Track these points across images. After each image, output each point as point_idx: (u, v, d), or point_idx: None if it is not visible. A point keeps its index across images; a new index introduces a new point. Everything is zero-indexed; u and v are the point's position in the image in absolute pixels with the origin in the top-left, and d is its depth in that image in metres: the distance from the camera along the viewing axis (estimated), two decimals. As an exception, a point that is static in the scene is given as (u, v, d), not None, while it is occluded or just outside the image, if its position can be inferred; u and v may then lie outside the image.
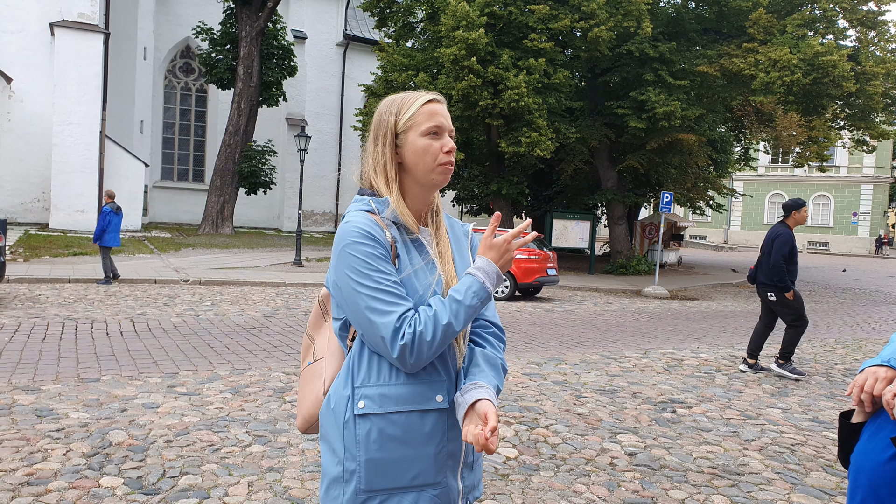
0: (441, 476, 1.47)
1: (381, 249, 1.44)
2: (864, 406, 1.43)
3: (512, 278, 13.20)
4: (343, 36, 31.45)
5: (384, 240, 1.45)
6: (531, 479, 3.80)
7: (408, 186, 1.54)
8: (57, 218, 20.12)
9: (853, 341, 9.79)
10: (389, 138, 1.52)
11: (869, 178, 45.52)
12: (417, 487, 1.45)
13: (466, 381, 1.46)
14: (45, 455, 3.74)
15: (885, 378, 1.40)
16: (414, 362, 1.41)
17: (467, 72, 16.76)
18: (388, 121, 1.52)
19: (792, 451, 4.57)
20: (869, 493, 1.38)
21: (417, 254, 1.51)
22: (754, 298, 16.08)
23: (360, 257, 1.42)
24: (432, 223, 1.58)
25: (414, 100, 1.52)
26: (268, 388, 5.40)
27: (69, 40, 20.23)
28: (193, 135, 30.04)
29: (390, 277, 1.43)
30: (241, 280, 12.66)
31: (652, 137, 18.67)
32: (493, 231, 1.46)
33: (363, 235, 1.43)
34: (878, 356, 1.50)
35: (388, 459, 1.43)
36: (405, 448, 1.44)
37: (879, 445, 1.38)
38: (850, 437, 1.49)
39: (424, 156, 1.50)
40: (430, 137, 1.50)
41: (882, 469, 1.35)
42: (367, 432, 1.43)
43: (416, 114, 1.50)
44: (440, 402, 1.46)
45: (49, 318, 7.99)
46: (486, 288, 1.43)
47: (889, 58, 17.58)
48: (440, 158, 1.50)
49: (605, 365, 7.10)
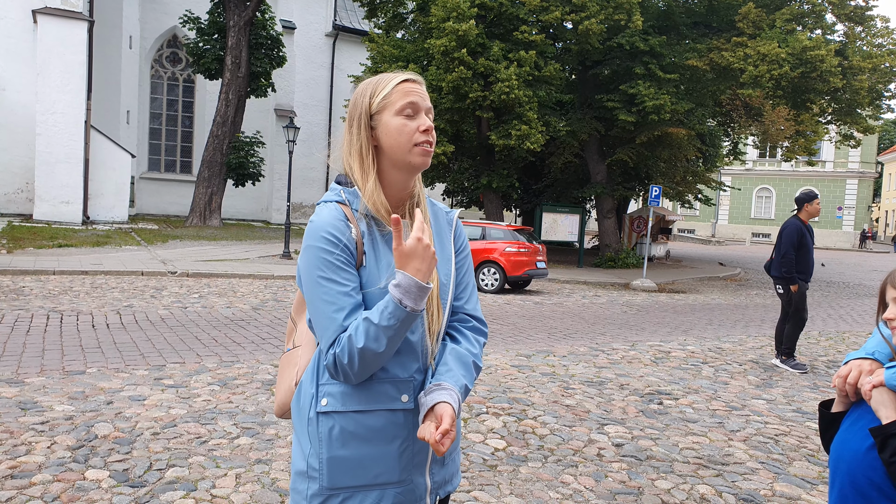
0: (406, 474, 1.44)
1: (340, 256, 1.39)
2: (850, 397, 1.45)
3: (501, 271, 13.21)
4: (332, 26, 31.24)
5: (348, 239, 1.40)
6: (519, 470, 3.81)
7: (386, 171, 1.47)
8: (41, 209, 19.88)
9: (836, 334, 9.90)
10: (364, 120, 1.46)
11: (854, 172, 45.96)
12: (381, 485, 1.43)
13: (432, 381, 1.43)
14: (29, 448, 3.70)
15: (869, 371, 1.41)
16: (344, 380, 1.39)
17: (457, 63, 16.70)
18: (363, 102, 1.47)
19: (776, 441, 4.62)
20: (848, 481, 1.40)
21: (388, 249, 1.43)
22: (741, 291, 16.22)
23: (316, 263, 1.39)
24: (410, 213, 1.49)
25: (389, 80, 1.46)
26: (256, 381, 5.38)
27: (52, 28, 19.93)
28: (181, 125, 29.76)
29: (342, 288, 1.37)
30: (230, 272, 12.59)
31: (641, 131, 18.72)
32: (399, 239, 1.32)
33: (323, 240, 1.39)
34: (862, 349, 1.51)
35: (350, 457, 1.42)
36: (368, 446, 1.42)
37: (858, 435, 1.39)
38: (831, 426, 1.50)
39: (399, 136, 1.43)
40: (404, 117, 1.43)
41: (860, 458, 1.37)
42: (330, 430, 1.42)
43: (391, 93, 1.44)
44: (405, 402, 1.42)
45: (33, 310, 7.91)
46: (402, 307, 1.31)
47: (876, 52, 17.70)
48: (416, 138, 1.43)
49: (593, 357, 7.13)
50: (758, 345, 8.53)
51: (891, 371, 1.36)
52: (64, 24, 20.06)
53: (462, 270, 1.56)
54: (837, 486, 1.43)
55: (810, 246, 6.99)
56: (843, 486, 1.41)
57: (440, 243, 1.53)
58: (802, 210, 7.00)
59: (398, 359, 1.42)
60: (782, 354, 7.17)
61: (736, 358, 7.56)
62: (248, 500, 3.24)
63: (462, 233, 1.60)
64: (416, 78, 1.48)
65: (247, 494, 3.30)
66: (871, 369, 1.41)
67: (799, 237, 6.87)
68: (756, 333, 9.51)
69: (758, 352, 8.03)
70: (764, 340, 8.87)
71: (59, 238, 15.71)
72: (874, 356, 1.46)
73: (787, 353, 7.13)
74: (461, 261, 1.57)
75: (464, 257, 1.58)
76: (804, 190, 7.24)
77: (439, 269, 1.49)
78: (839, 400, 1.49)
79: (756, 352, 8.02)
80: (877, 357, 1.45)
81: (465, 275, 1.56)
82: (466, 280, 1.56)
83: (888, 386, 1.35)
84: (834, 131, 22.40)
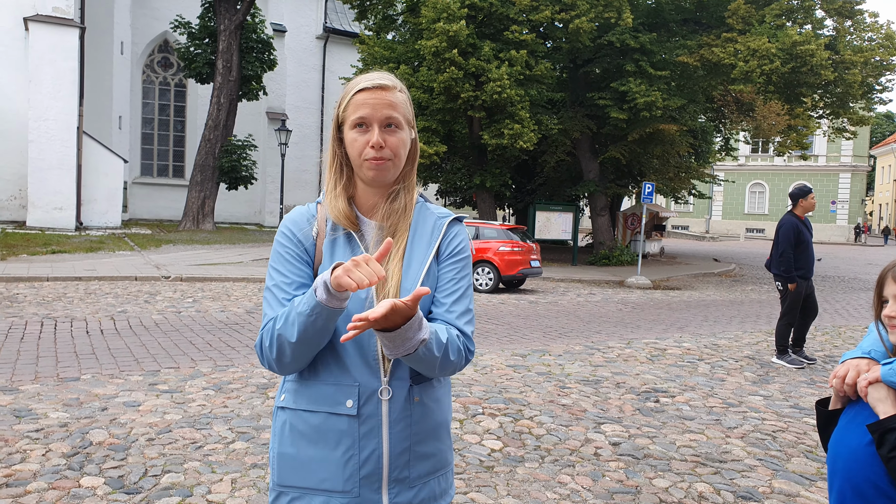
0: (351, 485, 1.40)
1: (290, 248, 1.45)
2: (851, 396, 1.44)
3: (496, 270, 13.21)
4: (323, 29, 31.22)
5: (304, 236, 1.46)
6: (516, 471, 3.81)
7: (356, 179, 1.49)
8: (34, 216, 19.79)
9: (832, 328, 9.93)
10: (333, 130, 1.49)
11: (847, 166, 46.17)
12: (325, 491, 1.41)
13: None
14: (23, 456, 3.68)
15: (866, 370, 1.41)
16: (269, 367, 1.42)
17: (448, 64, 16.70)
18: (334, 112, 1.49)
19: (773, 437, 4.63)
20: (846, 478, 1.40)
21: (349, 250, 1.44)
22: (736, 287, 16.26)
23: (272, 254, 1.48)
24: (384, 214, 1.46)
25: (350, 89, 1.44)
26: (250, 385, 5.36)
27: (44, 35, 19.85)
28: (173, 130, 29.69)
29: (284, 277, 1.43)
30: (223, 276, 12.55)
31: (633, 128, 18.75)
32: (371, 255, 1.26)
33: (281, 233, 1.48)
34: (858, 347, 1.51)
35: (296, 456, 1.43)
36: (313, 448, 1.42)
37: (856, 432, 1.39)
38: (828, 424, 1.50)
39: (351, 149, 1.43)
40: (356, 131, 1.41)
41: (858, 455, 1.37)
42: (283, 425, 1.47)
43: (348, 105, 1.43)
44: (349, 407, 1.39)
45: (27, 317, 7.86)
46: (314, 296, 1.29)
47: (866, 47, 17.78)
48: (365, 153, 1.40)
49: (588, 355, 7.13)
50: (754, 341, 8.55)
51: (887, 367, 1.35)
52: (55, 31, 19.98)
53: (447, 276, 1.47)
54: (837, 483, 1.43)
55: (809, 241, 6.97)
56: (843, 483, 1.40)
57: (418, 248, 1.46)
58: (797, 205, 6.98)
59: (344, 361, 1.41)
60: (777, 351, 7.19)
61: (732, 354, 7.57)
62: (245, 506, 3.22)
63: (455, 239, 1.51)
64: (373, 84, 1.41)
65: (243, 499, 3.28)
66: (867, 368, 1.41)
67: (796, 234, 6.85)
68: (752, 329, 9.53)
69: (754, 348, 8.04)
70: (760, 336, 8.89)
71: (52, 244, 15.64)
72: (870, 355, 1.46)
73: (781, 350, 7.14)
74: (447, 267, 1.48)
75: (451, 263, 1.49)
76: (798, 185, 7.21)
77: (405, 274, 1.42)
78: (836, 398, 1.49)
79: (752, 348, 8.04)
80: (873, 356, 1.45)
81: (449, 281, 1.47)
82: (451, 287, 1.47)
83: (885, 382, 1.35)
84: (826, 125, 22.48)
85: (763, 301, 13.33)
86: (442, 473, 1.52)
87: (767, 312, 11.37)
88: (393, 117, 1.42)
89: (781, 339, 7.13)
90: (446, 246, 1.50)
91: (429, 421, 1.47)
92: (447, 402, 1.55)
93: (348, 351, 1.41)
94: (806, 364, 7.06)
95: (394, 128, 1.42)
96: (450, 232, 1.52)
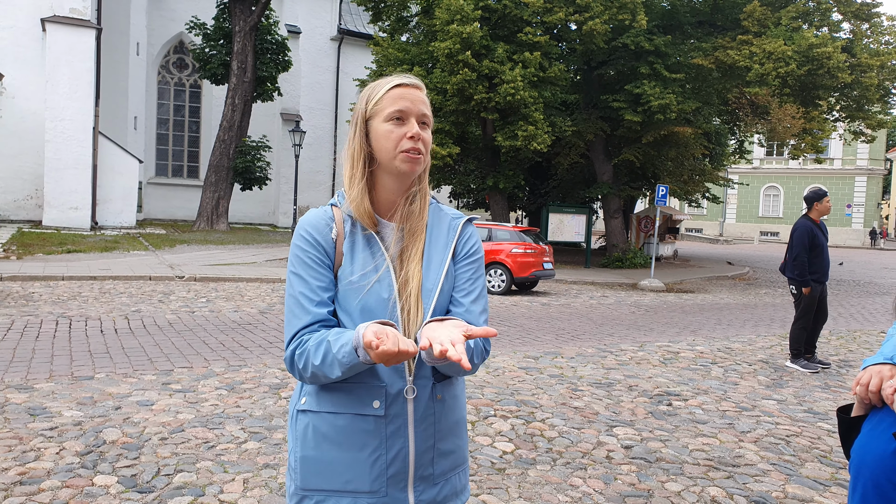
0: (378, 485, 1.41)
1: (312, 253, 1.43)
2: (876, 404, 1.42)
3: (508, 272, 13.19)
4: (337, 30, 31.34)
5: (325, 240, 1.44)
6: (527, 473, 3.79)
7: (378, 176, 1.47)
8: (50, 215, 20.02)
9: (847, 332, 9.81)
10: (360, 125, 1.47)
11: (863, 170, 45.65)
12: (352, 493, 1.41)
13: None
14: (38, 454, 3.71)
15: (889, 376, 1.38)
16: (298, 378, 1.42)
17: (462, 66, 16.70)
18: (359, 108, 1.48)
19: (787, 442, 4.58)
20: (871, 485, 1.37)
21: (369, 252, 1.44)
22: (749, 291, 16.12)
23: (291, 260, 1.46)
24: (402, 216, 1.48)
25: (383, 85, 1.46)
26: (263, 385, 5.38)
27: (61, 36, 20.09)
28: (187, 130, 29.91)
29: (308, 284, 1.41)
30: (237, 276, 12.62)
31: (648, 131, 18.65)
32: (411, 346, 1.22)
33: (300, 237, 1.45)
34: (879, 353, 1.48)
35: (321, 459, 1.42)
36: (339, 450, 1.41)
37: (881, 438, 1.36)
38: (850, 431, 1.47)
39: (386, 142, 1.43)
40: (392, 123, 1.43)
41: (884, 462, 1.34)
42: (305, 428, 1.45)
43: (381, 99, 1.44)
44: (376, 408, 1.40)
45: (42, 315, 7.95)
46: (355, 354, 1.28)
47: (883, 50, 17.58)
48: (402, 144, 1.42)
49: (601, 358, 7.10)
50: (767, 344, 8.47)
51: None
52: (72, 32, 20.22)
53: (464, 276, 1.51)
54: (860, 491, 1.40)
55: (824, 245, 6.92)
56: (866, 491, 1.38)
57: (435, 249, 1.49)
58: (812, 209, 6.93)
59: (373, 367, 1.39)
60: (791, 355, 7.13)
61: (745, 358, 7.51)
62: (256, 505, 3.23)
63: (470, 240, 1.55)
64: (410, 82, 1.46)
65: (255, 499, 3.29)
66: (891, 374, 1.38)
67: (810, 238, 6.80)
68: (766, 333, 9.44)
69: (768, 352, 7.97)
70: (774, 340, 8.81)
71: (67, 244, 15.80)
72: (892, 360, 1.43)
73: (795, 354, 7.08)
74: (464, 267, 1.52)
75: (468, 264, 1.52)
76: (813, 188, 7.15)
77: (425, 275, 1.45)
78: (859, 405, 1.46)
79: (766, 352, 7.97)
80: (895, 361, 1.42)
81: (466, 281, 1.50)
82: (469, 287, 1.50)
83: None
84: (843, 128, 22.24)
85: (777, 305, 13.21)
86: (462, 469, 1.55)
87: (781, 316, 11.26)
88: (427, 115, 1.47)
89: (795, 343, 7.07)
90: (462, 247, 1.53)
91: (450, 418, 1.50)
92: (463, 399, 1.58)
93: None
94: (820, 368, 6.99)
95: (426, 126, 1.47)
96: (465, 233, 1.55)
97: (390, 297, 1.41)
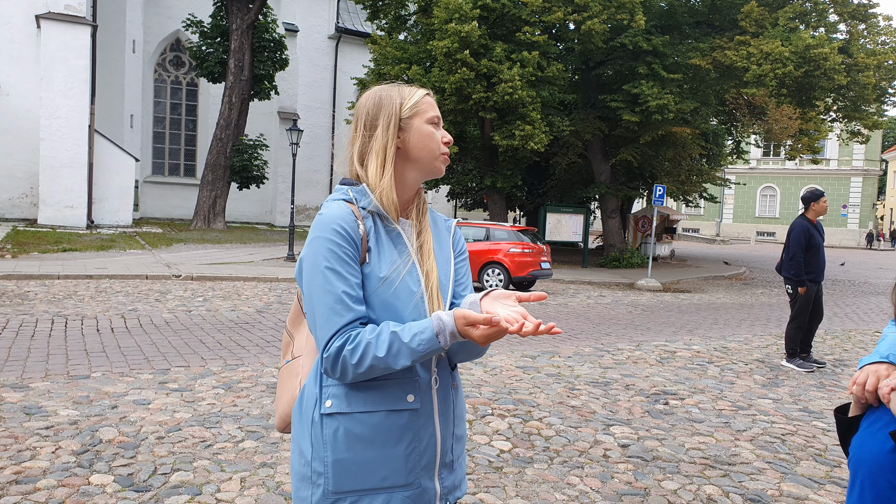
0: (413, 477, 1.43)
1: (348, 249, 1.40)
2: (873, 403, 1.42)
3: (506, 272, 13.19)
4: (335, 29, 31.30)
5: (356, 234, 1.42)
6: (525, 472, 3.80)
7: (404, 173, 1.52)
8: (45, 214, 19.94)
9: (843, 332, 9.84)
10: (394, 121, 1.50)
11: (858, 170, 45.80)
12: (388, 489, 1.41)
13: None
14: (33, 453, 3.70)
15: (886, 375, 1.38)
16: (338, 377, 1.38)
17: (460, 65, 16.70)
18: (393, 104, 1.51)
19: (782, 440, 4.59)
20: (868, 484, 1.38)
21: (393, 246, 1.47)
22: (746, 290, 16.16)
23: (323, 254, 1.39)
24: (416, 214, 1.56)
25: (414, 90, 1.55)
26: (260, 384, 5.38)
27: (56, 33, 20.01)
28: (184, 129, 29.85)
29: (347, 281, 1.38)
30: (234, 275, 12.60)
31: (645, 131, 18.67)
32: (511, 300, 1.39)
33: (334, 232, 1.40)
34: (875, 352, 1.48)
35: (355, 460, 1.41)
36: (373, 449, 1.41)
37: (878, 437, 1.37)
38: (849, 431, 1.48)
39: (431, 142, 1.51)
40: (434, 126, 1.53)
41: (881, 461, 1.35)
42: (335, 432, 1.41)
43: (420, 102, 1.53)
44: (411, 401, 1.42)
45: (38, 314, 7.93)
46: (436, 340, 1.33)
47: (879, 50, 17.63)
48: (442, 148, 1.54)
49: (598, 357, 7.11)
50: (763, 344, 8.49)
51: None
52: (67, 29, 20.14)
53: (461, 272, 1.63)
54: (857, 490, 1.40)
55: (820, 245, 6.95)
56: (864, 490, 1.38)
57: (440, 248, 1.58)
58: (809, 209, 6.96)
59: None
60: (787, 354, 7.16)
61: (742, 357, 7.53)
62: (253, 504, 3.23)
63: (461, 239, 1.68)
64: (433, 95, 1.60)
65: (252, 498, 3.29)
66: (887, 373, 1.39)
67: (807, 238, 6.83)
68: (762, 332, 9.47)
69: (763, 351, 7.99)
70: (770, 339, 8.84)
71: (63, 242, 15.76)
72: (888, 359, 1.43)
73: (791, 354, 7.11)
74: (460, 263, 1.64)
75: (462, 260, 1.65)
76: (809, 188, 7.19)
77: (440, 269, 1.54)
78: (856, 404, 1.46)
79: (762, 351, 7.99)
80: (892, 360, 1.42)
81: (464, 276, 1.63)
82: (466, 282, 1.63)
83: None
84: (839, 128, 22.32)
85: (773, 304, 13.24)
86: (463, 455, 1.62)
87: (777, 316, 11.29)
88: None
89: (791, 343, 7.10)
90: (455, 244, 1.65)
91: (461, 403, 1.59)
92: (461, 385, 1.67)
93: None
94: (815, 368, 7.02)
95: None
96: (457, 233, 1.69)
97: (418, 290, 1.45)
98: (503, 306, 1.37)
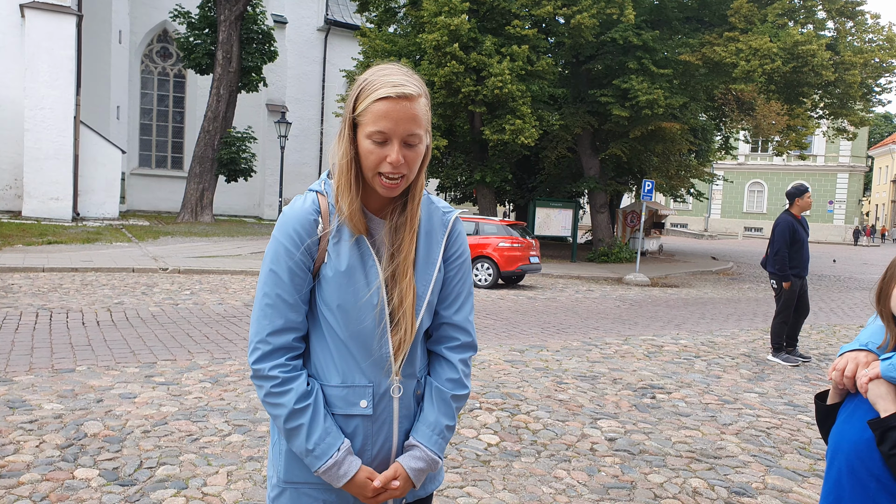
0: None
1: (296, 255, 1.35)
2: (850, 390, 1.44)
3: (495, 266, 13.20)
4: (324, 21, 31.09)
5: (312, 238, 1.35)
6: (512, 465, 3.81)
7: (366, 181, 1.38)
8: (30, 206, 19.71)
9: (828, 327, 9.94)
10: (348, 124, 1.35)
11: (845, 166, 46.23)
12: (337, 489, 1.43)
13: (411, 436, 1.45)
14: (17, 447, 3.67)
15: (865, 363, 1.40)
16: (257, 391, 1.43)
17: (450, 58, 16.64)
18: (349, 105, 1.35)
19: (767, 434, 4.64)
20: (846, 471, 1.39)
21: (358, 254, 1.37)
22: (733, 285, 16.27)
23: (273, 257, 1.37)
24: (394, 214, 1.40)
25: (372, 90, 1.30)
26: (247, 378, 5.35)
27: (40, 22, 19.74)
28: (171, 121, 29.59)
29: (286, 286, 1.36)
30: (221, 269, 12.52)
31: (635, 125, 18.71)
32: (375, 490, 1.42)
33: (288, 236, 1.36)
34: (856, 340, 1.49)
35: None
36: None
37: (856, 426, 1.39)
38: (827, 418, 1.50)
39: (365, 160, 1.32)
40: (373, 143, 1.30)
41: (860, 449, 1.37)
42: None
43: (367, 110, 1.30)
44: (364, 407, 1.41)
45: (22, 307, 7.84)
46: (330, 467, 1.37)
47: (866, 48, 17.76)
48: (381, 167, 1.30)
49: (586, 351, 7.13)
50: (750, 338, 8.56)
51: (887, 363, 1.35)
52: (52, 19, 19.86)
53: (454, 279, 1.48)
54: (834, 476, 1.42)
55: (804, 240, 7.01)
56: (840, 476, 1.40)
57: (426, 247, 1.43)
58: (794, 205, 7.02)
59: (359, 367, 1.40)
60: (773, 349, 7.22)
61: (728, 352, 7.58)
62: (240, 498, 3.22)
63: (459, 238, 1.49)
64: (398, 93, 1.28)
65: (238, 492, 3.28)
66: (867, 361, 1.40)
67: (791, 233, 6.89)
68: (748, 327, 9.54)
69: (750, 345, 8.06)
70: (756, 334, 8.91)
71: (48, 235, 15.60)
72: (867, 347, 1.45)
73: (777, 348, 7.17)
74: (454, 268, 1.48)
75: (458, 265, 1.49)
76: (794, 184, 7.25)
77: (418, 278, 1.40)
78: (834, 392, 1.48)
79: (748, 345, 8.05)
80: (871, 348, 1.44)
81: (457, 284, 1.48)
82: (458, 290, 1.48)
83: (885, 378, 1.34)
84: (826, 125, 22.49)
85: (760, 299, 13.35)
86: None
87: (764, 311, 11.38)
88: (415, 133, 1.31)
89: (777, 337, 7.16)
90: (451, 245, 1.49)
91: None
92: None
93: (361, 352, 1.39)
94: (801, 362, 7.08)
95: (414, 143, 1.32)
96: (454, 230, 1.50)
97: (379, 303, 1.38)
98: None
